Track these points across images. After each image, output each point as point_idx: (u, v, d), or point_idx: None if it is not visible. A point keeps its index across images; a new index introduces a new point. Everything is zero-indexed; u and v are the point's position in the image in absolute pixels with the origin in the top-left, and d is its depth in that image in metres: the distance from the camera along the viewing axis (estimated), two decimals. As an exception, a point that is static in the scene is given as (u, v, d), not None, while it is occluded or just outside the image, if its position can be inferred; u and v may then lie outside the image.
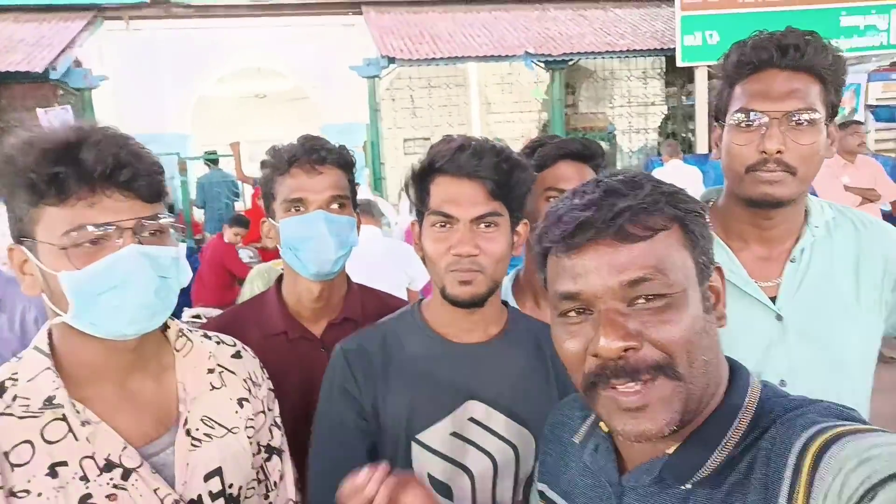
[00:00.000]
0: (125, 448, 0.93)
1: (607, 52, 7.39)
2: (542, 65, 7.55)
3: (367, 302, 1.44)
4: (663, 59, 8.05)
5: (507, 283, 1.57)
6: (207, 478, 1.00)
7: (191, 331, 1.08)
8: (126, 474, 0.91)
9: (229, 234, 5.35)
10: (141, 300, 0.90)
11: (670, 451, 0.73)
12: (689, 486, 0.71)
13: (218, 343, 1.11)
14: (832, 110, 1.15)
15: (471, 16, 8.48)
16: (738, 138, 1.15)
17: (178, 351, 1.04)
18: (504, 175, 1.08)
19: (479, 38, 7.69)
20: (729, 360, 0.78)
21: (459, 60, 7.33)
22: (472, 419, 1.13)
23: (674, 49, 7.36)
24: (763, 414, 0.72)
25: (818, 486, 0.61)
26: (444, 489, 1.12)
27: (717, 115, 1.22)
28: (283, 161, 1.32)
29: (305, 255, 1.32)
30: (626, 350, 0.68)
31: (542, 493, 0.93)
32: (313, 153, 1.30)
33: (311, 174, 1.30)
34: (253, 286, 3.42)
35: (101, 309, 0.88)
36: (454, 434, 1.12)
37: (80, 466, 0.90)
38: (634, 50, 7.48)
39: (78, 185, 0.85)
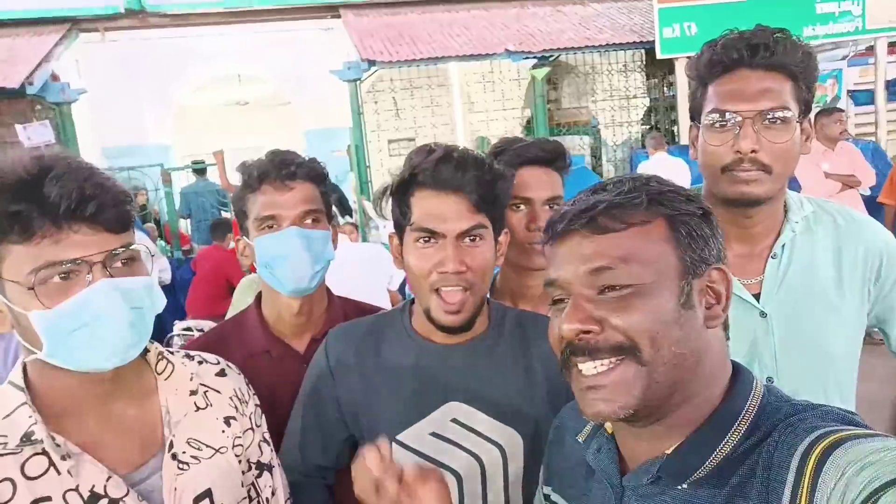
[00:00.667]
0: (110, 478, 0.91)
1: (587, 47, 7.42)
2: (528, 60, 7.57)
3: (349, 314, 1.42)
4: (643, 52, 8.08)
5: None
6: (197, 500, 0.98)
7: (171, 353, 1.07)
8: None
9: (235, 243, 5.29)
10: (116, 335, 0.88)
11: (669, 451, 0.74)
12: (685, 486, 0.72)
13: (200, 362, 1.10)
14: (805, 106, 1.15)
15: (450, 16, 8.47)
16: (712, 139, 1.16)
17: (159, 374, 1.03)
18: (487, 187, 1.07)
19: (459, 38, 7.68)
20: (733, 362, 0.78)
21: (440, 61, 7.32)
22: (454, 420, 1.13)
23: (653, 42, 7.39)
24: (764, 417, 0.72)
25: (821, 489, 0.61)
26: None
27: (693, 115, 1.23)
28: (253, 178, 1.30)
29: (281, 272, 1.30)
30: (586, 332, 0.72)
31: (546, 497, 0.94)
32: (283, 168, 1.29)
33: (281, 190, 1.29)
34: (245, 296, 3.40)
35: (75, 345, 0.86)
36: (434, 434, 1.12)
37: (64, 500, 0.88)
38: (614, 44, 7.50)
39: (42, 221, 0.83)
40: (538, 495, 0.99)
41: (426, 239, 1.07)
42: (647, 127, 9.06)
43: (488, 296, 1.52)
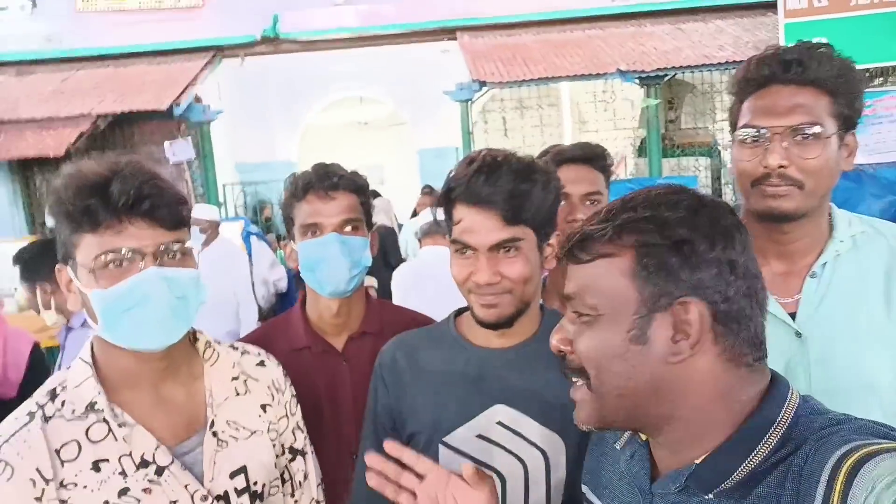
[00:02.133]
0: (158, 447, 1.03)
1: (704, 65, 7.14)
2: (637, 81, 7.41)
3: (386, 316, 1.53)
4: (769, 69, 7.66)
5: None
6: (233, 475, 1.10)
7: (219, 343, 1.19)
8: (160, 471, 1.02)
9: None
10: (158, 317, 1.00)
11: (698, 461, 0.75)
12: (711, 496, 0.73)
13: (243, 353, 1.22)
14: (845, 121, 1.13)
15: (564, 35, 8.47)
16: (743, 154, 1.16)
17: (206, 360, 1.15)
18: (521, 198, 1.08)
19: (572, 58, 7.67)
20: (772, 372, 0.79)
21: (550, 81, 7.33)
22: (499, 423, 1.16)
23: (778, 58, 7.00)
24: (798, 429, 0.72)
25: (851, 503, 0.62)
26: None
27: (732, 128, 1.22)
28: (298, 188, 1.42)
29: (321, 275, 1.41)
30: (560, 350, 0.82)
31: (583, 495, 0.98)
32: (326, 180, 1.40)
33: (324, 200, 1.40)
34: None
35: (123, 324, 0.99)
36: (480, 437, 1.16)
37: (119, 463, 1.01)
38: (734, 62, 7.17)
39: (106, 214, 0.97)
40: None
41: (462, 251, 1.12)
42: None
43: (542, 301, 1.57)
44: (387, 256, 5.49)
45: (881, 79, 7.87)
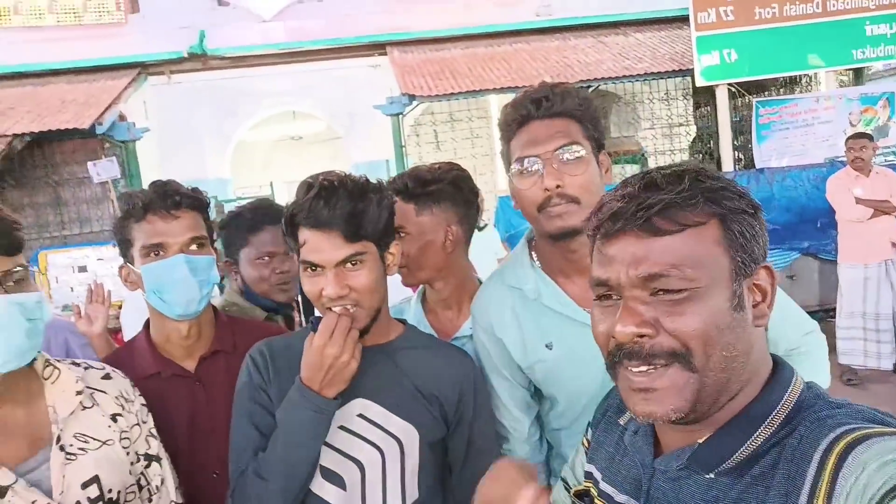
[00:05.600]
0: None
1: (624, 76, 7.43)
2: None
3: (238, 333, 1.51)
4: (689, 80, 8.02)
5: (416, 299, 1.69)
6: (85, 486, 1.11)
7: (58, 360, 1.20)
8: (2, 492, 1.02)
9: None
10: (14, 342, 1.02)
11: (702, 440, 0.76)
12: (712, 475, 0.74)
13: (86, 368, 1.23)
14: (596, 143, 1.29)
15: (492, 50, 8.68)
16: (522, 183, 1.28)
17: (46, 379, 1.15)
18: (359, 218, 1.17)
19: (498, 71, 7.86)
20: (775, 357, 0.79)
21: (478, 94, 7.49)
22: (360, 415, 1.25)
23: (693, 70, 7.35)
24: (798, 413, 0.73)
25: (841, 484, 0.62)
26: (336, 478, 1.24)
27: (507, 169, 1.35)
28: (137, 208, 1.36)
29: (170, 297, 1.37)
30: (641, 336, 0.72)
31: (589, 474, 0.97)
32: (167, 198, 1.36)
33: (167, 219, 1.35)
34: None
35: None
36: (342, 427, 1.23)
37: None
38: (652, 73, 7.49)
39: None
40: (556, 485, 1.07)
41: (311, 268, 1.19)
42: (695, 155, 8.93)
43: (422, 308, 1.66)
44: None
45: (785, 88, 8.36)
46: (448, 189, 1.56)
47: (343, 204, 1.16)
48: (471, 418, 1.32)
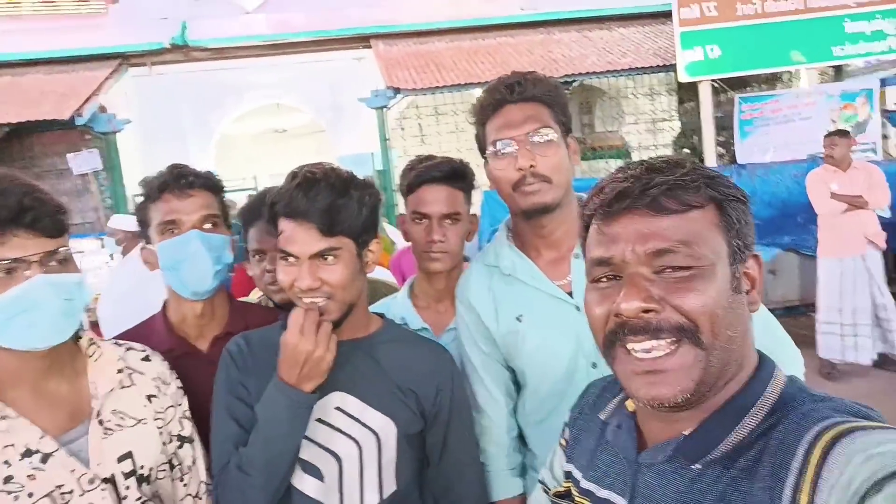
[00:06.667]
0: (42, 437, 1.09)
1: (608, 71, 7.46)
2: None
3: (249, 317, 1.54)
4: (672, 75, 8.07)
5: (403, 293, 1.70)
6: (120, 460, 1.17)
7: (102, 340, 1.26)
8: (45, 458, 1.08)
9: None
10: (49, 320, 1.06)
11: (687, 432, 0.76)
12: (699, 466, 0.74)
13: (128, 349, 1.29)
14: (565, 127, 1.36)
15: (476, 43, 8.67)
16: (497, 164, 1.34)
17: (90, 357, 1.21)
18: (337, 212, 1.17)
19: (483, 65, 7.85)
20: (758, 351, 0.79)
21: (463, 87, 7.49)
22: (337, 408, 1.26)
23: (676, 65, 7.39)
24: (782, 405, 0.73)
25: (825, 478, 0.62)
26: (314, 470, 1.24)
27: (482, 153, 1.41)
28: (154, 188, 1.42)
29: (184, 273, 1.42)
30: (646, 311, 0.72)
31: (568, 474, 0.98)
32: (181, 178, 1.41)
33: (181, 197, 1.40)
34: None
35: (13, 328, 1.05)
36: (320, 420, 1.24)
37: (3, 453, 1.06)
38: (636, 68, 7.52)
39: None
40: (535, 487, 1.08)
41: (286, 258, 1.20)
42: (679, 150, 8.99)
43: (409, 301, 1.67)
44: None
45: (766, 84, 8.43)
46: (471, 183, 1.67)
47: (322, 197, 1.16)
48: (448, 412, 1.33)
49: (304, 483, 1.24)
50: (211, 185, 1.47)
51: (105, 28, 8.47)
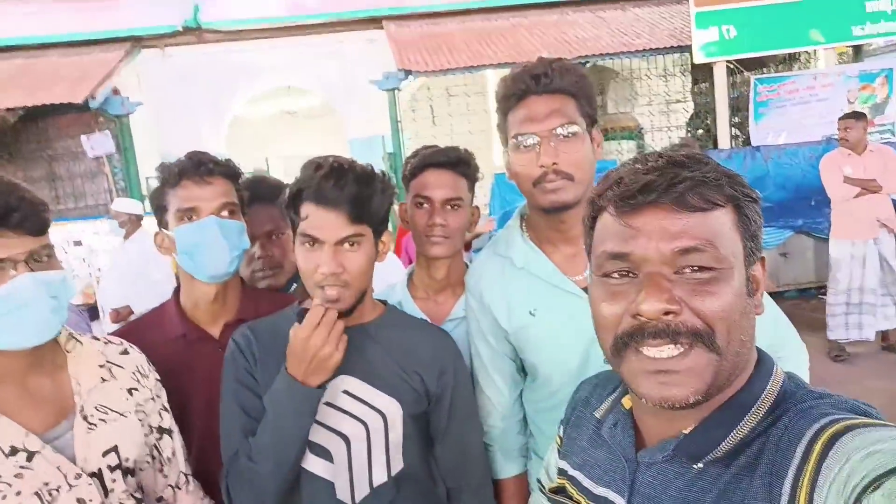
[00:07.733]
0: (27, 435, 1.09)
1: (622, 52, 7.38)
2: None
3: (262, 304, 1.55)
4: (687, 56, 7.97)
5: (401, 287, 1.71)
6: (105, 454, 1.17)
7: (79, 334, 1.25)
8: (30, 456, 1.08)
9: None
10: (38, 318, 1.06)
11: (686, 430, 0.75)
12: (700, 465, 0.73)
13: (106, 343, 1.28)
14: (590, 119, 1.31)
15: (489, 24, 8.60)
16: (519, 159, 1.31)
17: (68, 352, 1.20)
18: (364, 202, 1.22)
19: (496, 46, 7.80)
20: (757, 349, 0.78)
21: (475, 69, 7.44)
22: (345, 391, 1.29)
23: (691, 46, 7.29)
24: (782, 403, 0.73)
25: (824, 474, 0.62)
26: (323, 452, 1.28)
27: (503, 142, 1.37)
28: (173, 174, 1.43)
29: (201, 258, 1.43)
30: (667, 313, 0.69)
31: (562, 471, 0.97)
32: (201, 166, 1.42)
33: (200, 185, 1.41)
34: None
35: (3, 328, 1.05)
36: (328, 404, 1.27)
37: None
38: (650, 49, 7.44)
39: None
40: (533, 485, 1.08)
41: (310, 243, 1.22)
42: (694, 131, 8.90)
43: (407, 290, 1.68)
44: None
45: (784, 65, 8.29)
46: (475, 173, 1.64)
47: (351, 186, 1.20)
48: (452, 391, 1.36)
49: (313, 464, 1.27)
50: (230, 172, 1.48)
51: (118, 11, 8.49)
